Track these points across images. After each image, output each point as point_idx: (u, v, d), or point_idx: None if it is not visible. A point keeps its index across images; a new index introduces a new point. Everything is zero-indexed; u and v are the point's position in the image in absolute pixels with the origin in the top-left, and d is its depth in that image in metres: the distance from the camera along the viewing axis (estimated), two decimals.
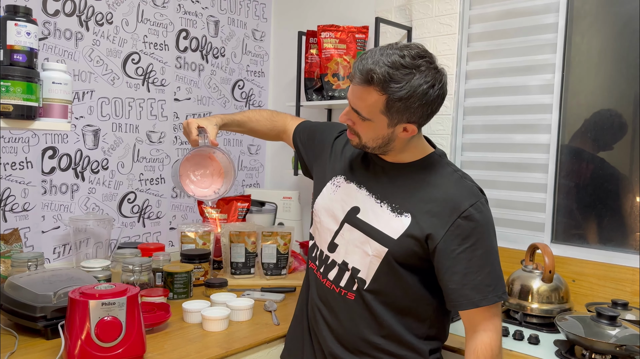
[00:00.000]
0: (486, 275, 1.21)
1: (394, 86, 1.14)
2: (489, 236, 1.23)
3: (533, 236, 2.07)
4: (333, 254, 1.34)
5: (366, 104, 1.19)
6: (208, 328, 1.57)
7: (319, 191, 1.43)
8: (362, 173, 1.36)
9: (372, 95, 1.17)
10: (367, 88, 1.17)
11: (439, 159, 1.31)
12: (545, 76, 2.04)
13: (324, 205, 1.39)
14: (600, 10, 1.94)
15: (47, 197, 2.04)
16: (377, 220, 1.27)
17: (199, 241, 2.11)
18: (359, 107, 1.20)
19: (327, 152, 1.47)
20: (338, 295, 1.32)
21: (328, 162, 1.45)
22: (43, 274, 1.57)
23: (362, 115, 1.21)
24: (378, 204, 1.28)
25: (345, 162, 1.41)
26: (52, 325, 1.41)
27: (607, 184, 1.92)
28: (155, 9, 2.33)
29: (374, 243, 1.26)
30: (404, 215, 1.24)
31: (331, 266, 1.34)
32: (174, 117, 2.44)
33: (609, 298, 1.80)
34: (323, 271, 1.36)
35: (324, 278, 1.35)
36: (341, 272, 1.31)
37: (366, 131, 1.24)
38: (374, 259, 1.26)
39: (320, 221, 1.39)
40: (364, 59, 1.17)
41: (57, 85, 1.36)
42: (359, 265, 1.28)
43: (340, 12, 2.59)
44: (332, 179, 1.40)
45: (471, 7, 2.22)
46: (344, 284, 1.31)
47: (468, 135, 2.25)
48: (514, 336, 1.62)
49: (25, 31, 1.27)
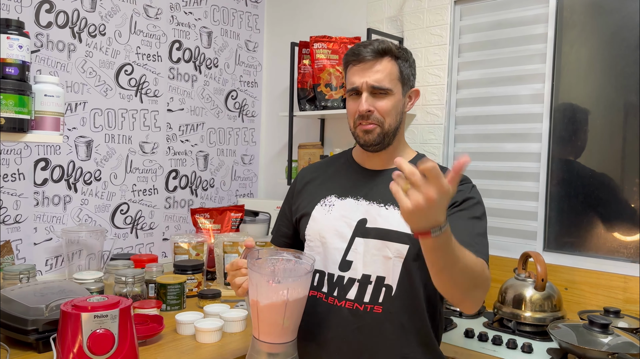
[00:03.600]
0: (467, 234, 1.19)
1: (398, 51, 1.29)
2: (476, 207, 1.27)
3: (525, 244, 2.08)
4: (348, 272, 1.29)
5: (385, 74, 1.27)
6: (201, 339, 1.57)
7: (306, 222, 1.38)
8: (353, 186, 1.36)
9: (388, 65, 1.28)
10: (381, 60, 1.28)
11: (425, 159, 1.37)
12: (535, 85, 2.06)
13: (322, 227, 1.35)
14: (589, 21, 1.97)
15: (40, 209, 2.03)
16: (388, 223, 1.27)
17: (192, 252, 2.11)
18: (380, 79, 1.27)
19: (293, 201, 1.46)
20: (363, 312, 1.27)
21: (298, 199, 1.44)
22: (35, 286, 1.56)
23: (386, 87, 1.27)
24: (383, 207, 1.29)
25: (327, 183, 1.40)
26: (44, 338, 1.40)
27: (598, 192, 1.94)
28: (148, 21, 2.34)
29: (392, 244, 1.25)
30: None
31: (349, 285, 1.29)
32: (167, 127, 2.45)
33: (601, 306, 1.81)
34: (338, 293, 1.30)
35: (341, 300, 1.29)
36: (363, 287, 1.27)
37: (389, 107, 1.29)
38: (396, 261, 1.25)
39: (324, 244, 1.33)
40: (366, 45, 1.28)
41: (50, 97, 1.36)
42: (382, 272, 1.26)
43: (333, 23, 2.61)
44: (320, 201, 1.37)
45: (462, 18, 2.24)
46: (369, 299, 1.27)
47: (460, 144, 2.26)
48: (507, 344, 1.62)
49: (17, 44, 1.27)
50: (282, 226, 1.50)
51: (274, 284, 1.14)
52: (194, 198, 2.59)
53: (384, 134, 1.30)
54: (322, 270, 1.34)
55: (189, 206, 2.56)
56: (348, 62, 1.32)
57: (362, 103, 1.28)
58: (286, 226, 1.48)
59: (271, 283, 1.14)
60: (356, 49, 1.29)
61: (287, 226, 1.48)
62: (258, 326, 1.18)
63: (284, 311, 1.14)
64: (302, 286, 1.17)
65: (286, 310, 1.15)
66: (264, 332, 1.17)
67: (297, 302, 1.16)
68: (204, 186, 2.64)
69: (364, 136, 1.30)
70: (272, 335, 1.17)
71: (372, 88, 1.27)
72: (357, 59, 1.28)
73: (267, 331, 1.17)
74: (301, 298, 1.17)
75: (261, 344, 1.17)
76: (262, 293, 1.15)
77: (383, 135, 1.30)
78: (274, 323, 1.16)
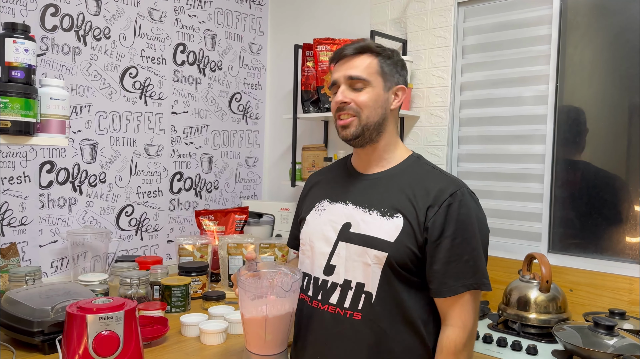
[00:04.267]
0: (464, 264, 1.21)
1: (379, 48, 1.31)
2: (468, 226, 1.23)
3: (530, 246, 2.07)
4: (331, 276, 1.30)
5: (363, 67, 1.28)
6: (206, 341, 1.57)
7: (302, 226, 1.42)
8: (344, 190, 1.37)
9: (366, 59, 1.29)
10: (360, 56, 1.29)
11: (417, 161, 1.35)
12: (540, 87, 2.06)
13: (312, 231, 1.37)
14: (593, 22, 1.97)
15: (45, 211, 2.04)
16: (369, 229, 1.27)
17: (197, 254, 2.11)
18: (357, 71, 1.28)
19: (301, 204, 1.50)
20: (344, 318, 1.27)
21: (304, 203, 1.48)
22: (40, 288, 1.57)
23: (362, 77, 1.27)
24: (367, 213, 1.29)
25: (326, 188, 1.42)
26: (50, 340, 1.41)
27: (603, 193, 1.93)
28: (153, 24, 2.35)
29: (372, 251, 1.25)
30: (396, 216, 1.25)
31: (332, 289, 1.30)
32: (172, 130, 2.46)
33: (606, 308, 1.80)
34: (322, 297, 1.31)
35: (324, 304, 1.30)
36: (344, 292, 1.28)
37: (367, 100, 1.28)
38: (375, 268, 1.24)
39: (312, 248, 1.35)
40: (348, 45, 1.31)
41: (55, 100, 1.37)
42: (362, 278, 1.26)
43: (336, 25, 2.61)
44: (316, 206, 1.40)
45: (465, 20, 2.24)
46: (349, 304, 1.27)
47: (464, 145, 2.26)
48: (512, 346, 1.61)
49: (23, 48, 1.28)
50: (294, 229, 1.54)
51: (254, 300, 1.19)
52: (198, 200, 2.60)
53: (362, 126, 1.29)
54: (309, 274, 1.36)
55: (193, 209, 2.57)
56: (331, 62, 1.35)
57: (338, 94, 1.29)
58: (297, 229, 1.50)
59: (252, 299, 1.19)
60: (338, 49, 1.33)
61: (298, 229, 1.50)
62: (246, 337, 1.24)
63: (264, 326, 1.19)
64: (283, 304, 1.21)
65: (267, 325, 1.19)
66: (250, 344, 1.24)
67: (278, 319, 1.20)
68: (208, 189, 2.64)
69: (343, 131, 1.31)
70: (257, 347, 1.22)
71: (349, 79, 1.28)
72: (338, 57, 1.32)
73: (252, 343, 1.23)
74: (282, 314, 1.21)
75: (250, 354, 1.23)
76: (244, 306, 1.22)
77: (362, 128, 1.29)
78: (257, 336, 1.22)
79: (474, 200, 1.28)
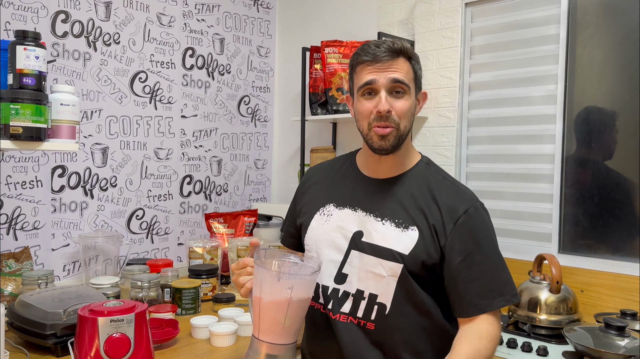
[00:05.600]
0: (489, 281, 1.20)
1: (413, 54, 1.25)
2: (486, 241, 1.22)
3: (540, 246, 2.06)
4: (343, 285, 1.27)
5: (404, 72, 1.22)
6: (216, 343, 1.58)
7: (305, 230, 1.37)
8: (352, 195, 1.32)
9: (404, 64, 1.23)
10: (397, 60, 1.22)
11: (427, 167, 1.31)
12: (548, 87, 2.05)
13: (318, 238, 1.32)
14: (602, 21, 1.95)
15: (57, 215, 2.07)
16: (383, 239, 1.24)
17: (207, 257, 2.13)
18: (401, 75, 1.21)
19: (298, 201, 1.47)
20: (357, 327, 1.26)
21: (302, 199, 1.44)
22: (53, 292, 1.59)
23: (405, 82, 1.21)
24: (380, 222, 1.25)
25: (329, 190, 1.37)
26: (62, 342, 1.43)
27: (613, 193, 1.92)
28: (162, 28, 2.38)
29: (386, 263, 1.22)
30: (411, 229, 1.23)
31: (344, 298, 1.27)
32: (181, 133, 2.48)
33: (617, 308, 1.79)
34: (333, 306, 1.28)
35: (336, 313, 1.27)
36: (357, 301, 1.25)
37: (405, 107, 1.22)
38: (390, 279, 1.22)
39: (319, 255, 1.31)
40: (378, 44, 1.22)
41: (65, 106, 1.39)
42: (375, 290, 1.24)
43: (343, 27, 2.62)
44: (320, 209, 1.35)
45: (473, 20, 2.24)
46: (362, 314, 1.25)
47: (472, 146, 2.25)
48: (522, 347, 1.61)
49: (34, 55, 1.30)
50: (289, 226, 1.49)
51: (279, 281, 1.13)
52: (208, 203, 2.61)
53: (399, 137, 1.23)
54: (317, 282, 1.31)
55: (203, 211, 2.58)
56: (359, 62, 1.24)
57: (382, 102, 1.19)
58: (293, 226, 1.47)
59: (276, 280, 1.13)
60: (368, 48, 1.22)
61: (294, 227, 1.46)
62: (259, 324, 1.16)
63: (287, 309, 1.13)
64: (307, 287, 1.16)
65: (289, 309, 1.13)
66: (265, 331, 1.15)
67: (300, 302, 1.15)
68: (217, 191, 2.66)
69: (380, 141, 1.22)
70: (272, 334, 1.15)
71: (394, 82, 1.20)
72: (371, 58, 1.20)
73: (267, 329, 1.15)
74: (305, 298, 1.16)
75: (260, 343, 1.15)
76: (265, 289, 1.14)
77: (398, 138, 1.23)
78: (275, 321, 1.14)
79: (486, 213, 1.26)
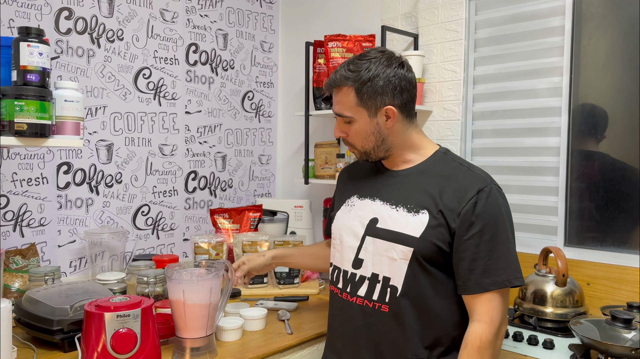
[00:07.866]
0: (494, 260, 1.23)
1: (354, 75, 1.29)
2: (497, 221, 1.25)
3: (546, 239, 2.05)
4: (359, 270, 1.35)
5: (343, 103, 1.32)
6: (222, 338, 1.59)
7: (333, 219, 1.50)
8: (373, 186, 1.41)
9: (344, 92, 1.32)
10: (339, 90, 1.33)
11: (444, 156, 1.37)
12: (554, 79, 2.03)
13: (341, 226, 1.43)
14: (607, 13, 1.94)
15: (63, 212, 2.07)
16: (396, 224, 1.30)
17: (212, 252, 2.13)
18: (340, 109, 1.33)
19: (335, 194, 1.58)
20: (372, 309, 1.32)
21: (335, 198, 1.55)
22: (60, 288, 1.60)
23: (345, 114, 1.32)
24: (394, 209, 1.32)
25: (356, 184, 1.47)
26: (69, 338, 1.44)
27: (619, 185, 1.91)
28: (165, 24, 2.38)
29: (398, 246, 1.28)
30: (421, 212, 1.27)
31: (360, 282, 1.35)
32: (186, 129, 2.48)
33: (624, 301, 1.78)
34: (350, 290, 1.36)
35: (353, 296, 1.36)
36: (372, 285, 1.32)
37: (356, 134, 1.34)
38: (401, 262, 1.27)
39: (342, 242, 1.41)
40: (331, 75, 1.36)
41: (70, 103, 1.39)
42: (388, 272, 1.30)
43: (347, 21, 2.61)
44: (346, 201, 1.46)
45: (477, 13, 2.23)
46: (377, 296, 1.31)
47: (477, 139, 2.24)
48: (529, 341, 1.61)
49: (37, 52, 1.30)
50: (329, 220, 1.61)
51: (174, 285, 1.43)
52: (213, 198, 2.62)
53: (364, 153, 1.37)
54: (338, 267, 1.41)
55: (208, 207, 2.59)
56: None
57: (335, 128, 1.39)
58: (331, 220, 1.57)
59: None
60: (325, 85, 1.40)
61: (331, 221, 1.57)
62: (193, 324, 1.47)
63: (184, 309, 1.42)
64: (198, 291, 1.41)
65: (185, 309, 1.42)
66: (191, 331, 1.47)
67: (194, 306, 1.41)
68: (222, 187, 2.66)
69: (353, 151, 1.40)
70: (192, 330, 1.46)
71: (336, 114, 1.35)
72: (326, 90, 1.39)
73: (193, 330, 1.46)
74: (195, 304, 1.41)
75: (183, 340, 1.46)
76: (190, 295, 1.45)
77: (364, 153, 1.37)
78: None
79: (502, 195, 1.30)
